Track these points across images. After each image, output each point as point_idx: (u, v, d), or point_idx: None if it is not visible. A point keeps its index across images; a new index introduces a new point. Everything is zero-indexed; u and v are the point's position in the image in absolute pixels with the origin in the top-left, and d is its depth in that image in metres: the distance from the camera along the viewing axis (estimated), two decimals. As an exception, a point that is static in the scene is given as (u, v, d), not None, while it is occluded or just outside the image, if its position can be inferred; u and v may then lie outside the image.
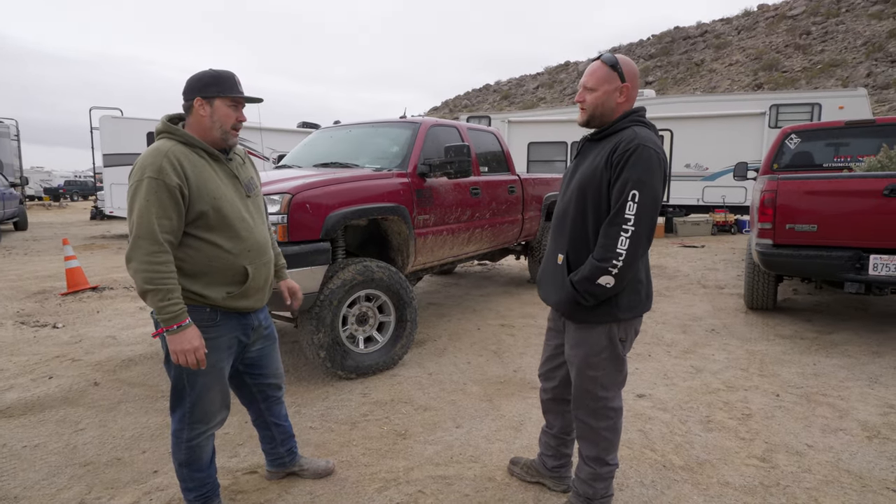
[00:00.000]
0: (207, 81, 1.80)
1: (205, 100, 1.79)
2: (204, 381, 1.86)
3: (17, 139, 17.36)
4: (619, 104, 1.82)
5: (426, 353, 4.03)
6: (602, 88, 1.80)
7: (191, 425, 1.90)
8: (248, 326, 1.97)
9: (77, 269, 6.42)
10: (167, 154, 1.72)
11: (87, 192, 36.22)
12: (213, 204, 1.77)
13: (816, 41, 30.69)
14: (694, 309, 5.34)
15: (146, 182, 1.67)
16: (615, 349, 1.87)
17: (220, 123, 1.82)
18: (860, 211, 4.00)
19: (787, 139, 5.86)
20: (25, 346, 4.26)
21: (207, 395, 1.89)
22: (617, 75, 1.79)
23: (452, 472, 2.40)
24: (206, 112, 1.80)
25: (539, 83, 44.67)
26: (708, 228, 11.57)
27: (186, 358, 1.73)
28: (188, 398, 1.87)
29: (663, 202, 12.07)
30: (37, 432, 2.81)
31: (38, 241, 11.73)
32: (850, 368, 3.64)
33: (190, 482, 1.99)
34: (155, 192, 1.67)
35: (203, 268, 1.80)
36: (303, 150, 4.92)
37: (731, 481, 2.31)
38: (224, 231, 1.80)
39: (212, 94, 1.80)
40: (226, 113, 1.82)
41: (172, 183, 1.68)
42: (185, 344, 1.71)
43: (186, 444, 1.92)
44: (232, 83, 1.82)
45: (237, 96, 1.83)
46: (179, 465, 1.97)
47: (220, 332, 1.87)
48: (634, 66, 1.85)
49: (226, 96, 1.81)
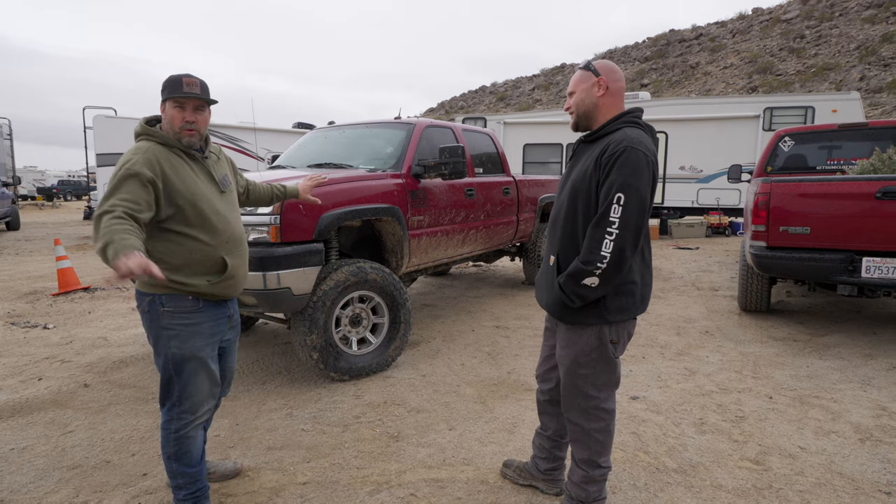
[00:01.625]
0: (164, 86, 1.91)
1: (163, 102, 1.92)
2: (189, 367, 1.95)
3: (10, 138, 17.22)
4: (600, 98, 1.85)
5: (420, 355, 4.01)
6: (580, 88, 1.89)
7: (179, 415, 1.97)
8: (224, 315, 2.06)
9: (69, 270, 6.37)
10: (145, 152, 1.82)
11: (80, 192, 36.01)
12: (190, 199, 1.88)
13: (810, 45, 30.89)
14: (688, 311, 5.35)
15: (122, 173, 1.76)
16: (605, 351, 1.86)
17: (170, 124, 1.91)
18: (853, 214, 4.02)
19: (780, 142, 5.89)
20: (15, 347, 4.21)
21: (194, 382, 1.96)
22: (591, 73, 1.87)
23: (445, 475, 2.38)
24: (163, 114, 1.93)
25: (535, 85, 44.74)
26: (702, 230, 11.61)
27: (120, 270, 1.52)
28: (176, 387, 1.95)
29: (657, 204, 12.16)
30: (25, 435, 2.78)
31: (30, 242, 11.64)
32: (842, 371, 3.65)
33: (180, 478, 2.00)
34: (125, 181, 1.75)
35: (185, 260, 1.89)
36: (297, 151, 4.89)
37: (724, 484, 2.30)
38: (201, 225, 1.91)
39: (164, 96, 1.91)
40: (172, 114, 1.90)
41: (146, 175, 1.77)
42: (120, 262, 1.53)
43: (175, 435, 1.97)
44: (177, 85, 1.89)
45: (178, 97, 1.89)
46: (168, 459, 2.00)
47: (203, 318, 1.97)
48: (610, 63, 1.90)
49: (170, 97, 1.90)
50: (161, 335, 1.92)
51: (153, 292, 1.90)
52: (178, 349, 1.92)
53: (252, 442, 2.70)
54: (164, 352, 1.93)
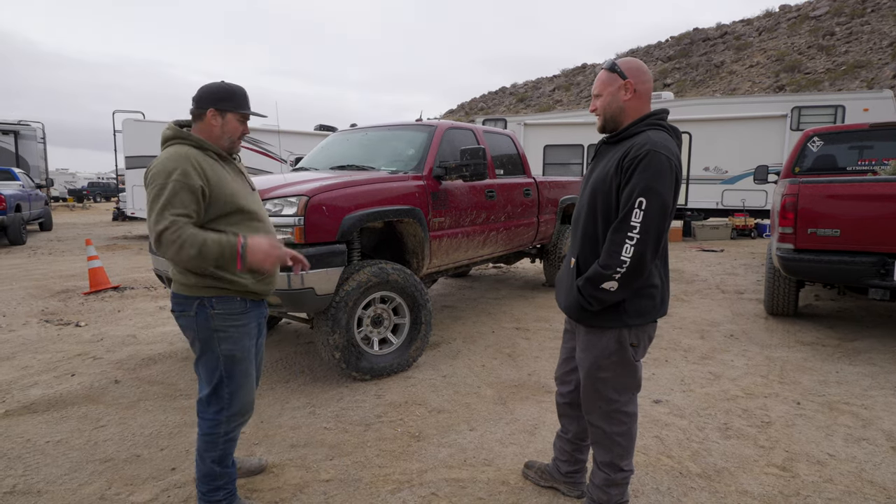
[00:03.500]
0: (222, 96, 1.93)
1: (218, 112, 1.92)
2: (241, 368, 1.97)
3: (44, 141, 17.82)
4: (627, 101, 1.83)
5: (440, 356, 4.03)
6: (606, 91, 1.86)
7: (229, 418, 1.97)
8: (263, 315, 2.10)
9: (99, 269, 6.56)
10: (189, 158, 1.83)
11: (109, 194, 37.01)
12: (231, 200, 1.90)
13: (840, 42, 30.07)
14: (712, 314, 5.26)
15: (172, 184, 1.77)
16: (625, 354, 1.85)
17: (230, 135, 1.96)
18: (885, 215, 3.90)
19: (809, 142, 5.75)
20: (49, 344, 4.36)
21: (245, 384, 1.99)
22: (617, 75, 1.84)
23: (466, 475, 2.39)
24: (217, 123, 1.93)
25: (555, 85, 44.45)
26: (727, 232, 11.40)
27: (268, 261, 1.84)
28: (226, 390, 1.95)
29: (681, 205, 11.96)
30: (59, 428, 2.88)
31: (62, 242, 12.01)
32: (874, 377, 3.56)
33: (220, 479, 2.02)
34: (178, 193, 1.76)
35: None
36: (320, 153, 4.96)
37: (749, 490, 2.27)
38: (244, 223, 1.94)
39: (225, 108, 1.93)
40: (235, 126, 1.97)
41: (196, 184, 1.79)
42: (259, 253, 1.81)
43: (224, 439, 1.98)
44: (244, 100, 1.98)
45: (247, 112, 1.98)
46: (213, 463, 1.99)
47: (250, 318, 2.00)
48: (637, 63, 1.86)
49: (237, 112, 1.95)
50: (212, 338, 1.90)
51: (200, 295, 1.89)
52: (230, 351, 1.92)
53: (276, 439, 2.75)
54: (214, 355, 1.91)
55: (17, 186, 12.32)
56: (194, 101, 1.94)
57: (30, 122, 17.17)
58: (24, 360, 3.95)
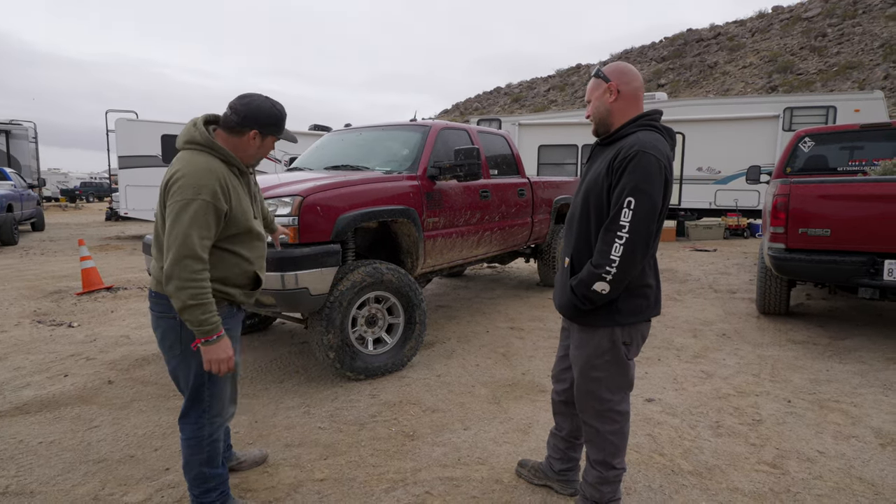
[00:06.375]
0: (270, 122, 1.94)
1: (260, 134, 1.93)
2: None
3: (35, 141, 17.68)
4: (613, 103, 1.85)
5: (435, 355, 4.04)
6: (594, 96, 1.90)
7: (210, 420, 2.00)
8: (242, 318, 2.16)
9: (92, 270, 6.53)
10: (219, 176, 1.82)
11: (102, 194, 36.75)
12: (244, 222, 1.93)
13: (832, 43, 30.32)
14: (705, 313, 5.30)
15: (200, 203, 1.75)
16: (618, 352, 1.87)
17: (261, 155, 2.01)
18: (875, 215, 3.95)
19: (800, 142, 5.81)
20: (42, 345, 4.34)
21: (223, 385, 2.01)
22: (601, 80, 1.88)
23: (460, 474, 2.41)
24: (255, 143, 1.95)
25: (550, 86, 44.57)
26: (720, 232, 11.46)
27: (220, 366, 1.84)
28: (206, 393, 1.97)
29: (674, 205, 12.01)
30: (52, 429, 2.87)
31: (54, 242, 11.93)
32: (863, 375, 3.60)
33: (211, 481, 2.04)
34: (205, 215, 1.76)
35: (226, 273, 1.93)
36: (314, 153, 4.96)
37: (740, 487, 2.29)
38: (247, 243, 1.98)
39: (270, 133, 1.96)
40: (269, 148, 2.02)
41: (223, 208, 1.81)
42: (221, 353, 1.83)
43: (208, 440, 2.00)
44: (282, 125, 2.00)
45: (282, 138, 2.02)
46: (201, 466, 2.00)
47: (234, 323, 2.05)
48: (621, 66, 1.89)
49: (276, 135, 1.99)
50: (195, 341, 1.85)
51: None
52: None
53: (270, 439, 2.75)
54: (196, 358, 1.88)
55: (9, 186, 12.23)
56: (238, 114, 1.87)
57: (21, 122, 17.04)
58: (17, 361, 3.92)
